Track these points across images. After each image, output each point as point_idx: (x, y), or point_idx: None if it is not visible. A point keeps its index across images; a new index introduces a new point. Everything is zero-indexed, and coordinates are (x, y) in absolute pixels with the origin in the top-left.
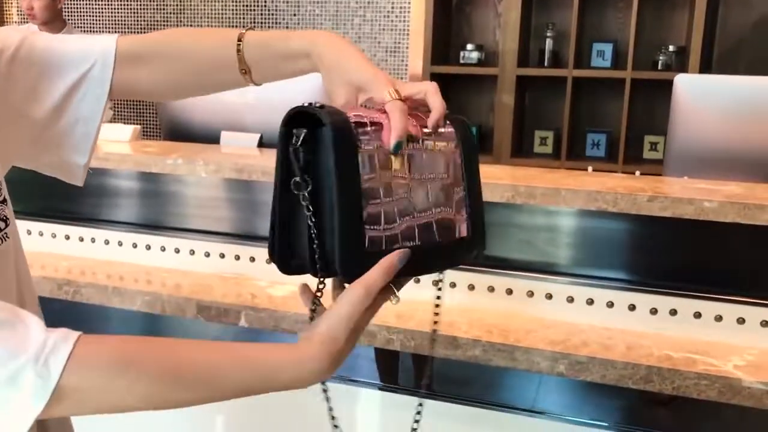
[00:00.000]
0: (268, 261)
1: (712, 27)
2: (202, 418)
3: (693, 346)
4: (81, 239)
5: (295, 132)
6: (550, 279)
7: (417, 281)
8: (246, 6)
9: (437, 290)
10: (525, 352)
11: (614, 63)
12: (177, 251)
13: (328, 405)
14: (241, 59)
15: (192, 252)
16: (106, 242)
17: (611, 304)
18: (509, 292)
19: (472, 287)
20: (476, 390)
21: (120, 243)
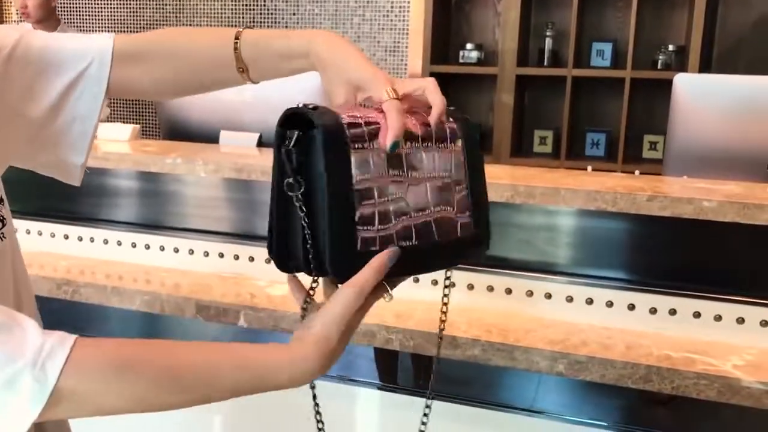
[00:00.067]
0: (268, 260)
1: (712, 26)
2: (199, 418)
3: (692, 346)
4: (80, 239)
5: (288, 133)
6: (550, 278)
7: (416, 281)
8: (245, 5)
9: (444, 294)
10: (524, 352)
11: (614, 62)
12: (176, 251)
13: (314, 402)
14: (239, 57)
15: (191, 251)
16: (105, 242)
17: (610, 304)
18: (508, 292)
19: (472, 287)
20: (475, 389)
21: (119, 242)
